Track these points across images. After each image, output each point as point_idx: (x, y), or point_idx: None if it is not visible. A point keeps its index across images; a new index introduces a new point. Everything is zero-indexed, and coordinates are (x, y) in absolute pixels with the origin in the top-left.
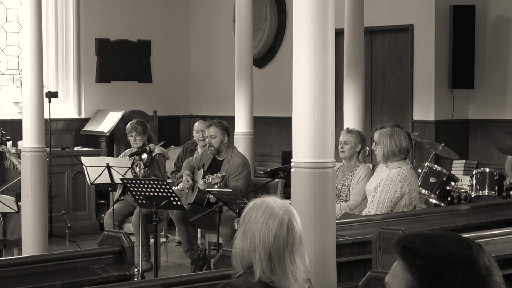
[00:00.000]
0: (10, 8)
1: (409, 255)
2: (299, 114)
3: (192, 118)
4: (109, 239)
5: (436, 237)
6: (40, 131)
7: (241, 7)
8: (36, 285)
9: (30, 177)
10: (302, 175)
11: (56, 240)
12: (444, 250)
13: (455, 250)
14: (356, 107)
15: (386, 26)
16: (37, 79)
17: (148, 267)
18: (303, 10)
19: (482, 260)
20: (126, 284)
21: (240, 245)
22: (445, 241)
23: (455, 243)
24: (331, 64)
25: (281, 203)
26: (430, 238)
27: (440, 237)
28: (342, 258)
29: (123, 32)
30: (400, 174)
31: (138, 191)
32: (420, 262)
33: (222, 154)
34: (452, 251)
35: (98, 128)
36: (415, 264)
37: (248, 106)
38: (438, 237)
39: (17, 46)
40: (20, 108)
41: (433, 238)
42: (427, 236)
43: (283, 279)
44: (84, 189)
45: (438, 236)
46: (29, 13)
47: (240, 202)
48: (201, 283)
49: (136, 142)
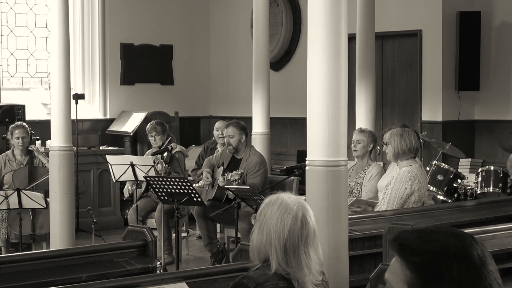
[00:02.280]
0: (39, 14)
1: (406, 252)
2: (313, 115)
3: (211, 119)
4: (133, 234)
5: (430, 232)
6: (67, 131)
7: (259, 13)
8: (63, 277)
9: (58, 175)
10: (316, 173)
11: (82, 234)
12: (438, 244)
13: (449, 244)
14: (367, 108)
15: (396, 31)
16: (65, 82)
17: (170, 260)
18: (317, 17)
19: (475, 251)
20: (149, 276)
21: (257, 239)
22: (438, 235)
23: (449, 236)
24: (343, 67)
25: (295, 199)
26: (424, 233)
27: (433, 232)
28: (354, 251)
29: (146, 37)
30: (410, 172)
31: (161, 188)
32: (416, 258)
33: (241, 153)
34: (446, 245)
35: (123, 128)
36: (412, 261)
37: (265, 107)
38: (432, 232)
39: (46, 50)
40: (48, 109)
41: (427, 234)
42: (421, 232)
43: (298, 271)
44: (109, 186)
45: (432, 231)
46: (57, 19)
47: (257, 199)
48: (221, 275)
49: (156, 142)
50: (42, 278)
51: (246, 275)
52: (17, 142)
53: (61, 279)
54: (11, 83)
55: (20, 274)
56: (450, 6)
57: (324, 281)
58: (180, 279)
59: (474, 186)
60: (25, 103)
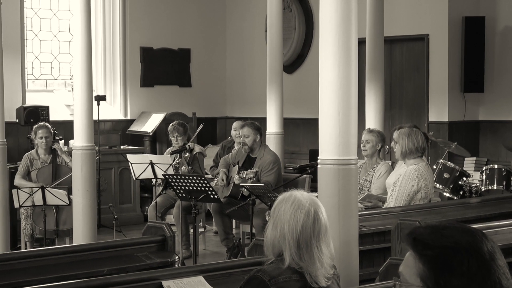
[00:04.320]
0: (62, 19)
1: (419, 246)
2: (325, 115)
3: (227, 119)
4: (152, 229)
5: (443, 228)
6: (89, 131)
7: (273, 18)
8: (86, 271)
9: (80, 173)
10: (327, 171)
11: (104, 230)
12: (450, 240)
13: (461, 239)
14: (376, 109)
15: (404, 35)
16: (87, 84)
17: (187, 254)
18: (328, 22)
19: (485, 246)
20: (167, 270)
21: (271, 234)
22: (451, 231)
23: (460, 232)
24: (354, 70)
25: (307, 196)
26: (437, 229)
27: (446, 227)
28: (364, 246)
29: (165, 41)
30: (417, 170)
31: (179, 185)
32: (429, 252)
33: (255, 152)
34: (458, 240)
35: (142, 128)
36: (425, 254)
37: (278, 108)
38: (444, 228)
39: (69, 54)
40: (71, 110)
41: (440, 229)
42: (434, 228)
43: (311, 264)
44: (129, 184)
45: (444, 227)
46: (80, 24)
47: (271, 196)
48: (236, 269)
49: (177, 142)
50: (66, 272)
51: (261, 269)
52: (41, 141)
53: (84, 273)
54: (36, 85)
55: (45, 267)
56: (455, 11)
57: (335, 274)
58: (197, 273)
59: (479, 184)
60: (49, 104)
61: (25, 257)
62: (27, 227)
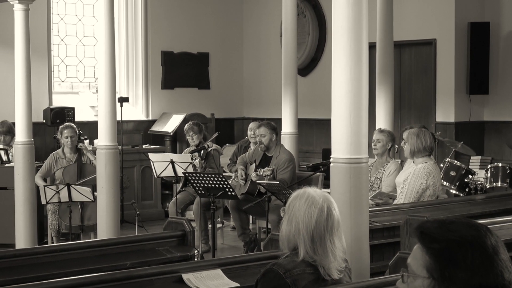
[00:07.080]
0: (87, 24)
1: (426, 239)
2: (337, 116)
3: (244, 120)
4: (173, 225)
5: (449, 223)
6: (113, 131)
7: (287, 24)
8: (109, 265)
9: (104, 171)
10: (340, 169)
11: (127, 225)
12: (456, 234)
13: (466, 234)
14: (386, 110)
15: (412, 40)
16: (111, 86)
17: (206, 249)
18: (340, 27)
19: (489, 241)
20: (187, 263)
21: (286, 229)
22: (457, 226)
23: (466, 227)
24: (365, 73)
25: (320, 193)
26: (444, 223)
27: (452, 222)
28: (375, 241)
29: (185, 45)
30: (425, 168)
31: (198, 183)
32: (436, 245)
33: (271, 151)
34: (463, 235)
35: (163, 128)
36: (432, 247)
37: (293, 110)
38: (451, 222)
39: (93, 57)
40: (95, 111)
41: (446, 224)
42: (441, 222)
43: (324, 258)
44: (151, 181)
45: (451, 221)
46: (104, 29)
47: (286, 193)
48: (253, 262)
49: (193, 140)
50: (90, 265)
51: (276, 262)
52: (66, 141)
53: (107, 266)
54: (62, 88)
55: (70, 261)
56: (461, 17)
57: (347, 267)
58: (215, 266)
59: (484, 181)
60: (75, 105)
61: (51, 251)
62: (53, 222)
